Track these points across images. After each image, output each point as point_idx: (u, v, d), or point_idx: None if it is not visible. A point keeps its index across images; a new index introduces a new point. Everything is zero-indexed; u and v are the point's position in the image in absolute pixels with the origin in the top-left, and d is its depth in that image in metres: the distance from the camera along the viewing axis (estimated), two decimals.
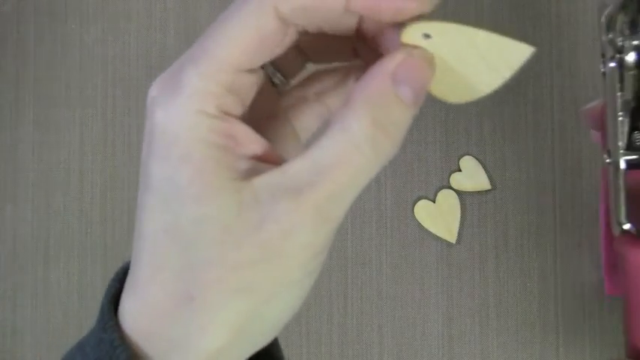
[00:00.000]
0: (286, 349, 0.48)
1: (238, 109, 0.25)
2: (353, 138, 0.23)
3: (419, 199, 0.48)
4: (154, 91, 0.24)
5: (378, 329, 0.48)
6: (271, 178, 0.23)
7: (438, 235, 0.48)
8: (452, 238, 0.48)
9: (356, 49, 0.29)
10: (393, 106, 0.24)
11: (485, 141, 0.49)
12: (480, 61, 0.27)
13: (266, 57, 0.25)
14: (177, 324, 0.24)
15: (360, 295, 0.48)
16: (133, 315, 0.24)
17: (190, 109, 0.23)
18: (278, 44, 0.25)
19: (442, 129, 0.49)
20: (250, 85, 0.25)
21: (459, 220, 0.48)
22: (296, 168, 0.23)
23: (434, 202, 0.48)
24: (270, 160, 0.24)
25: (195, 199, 0.23)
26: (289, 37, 0.25)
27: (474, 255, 0.49)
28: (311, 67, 0.30)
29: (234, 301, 0.23)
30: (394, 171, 0.49)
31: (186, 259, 0.23)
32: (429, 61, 0.26)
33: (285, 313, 0.25)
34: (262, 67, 0.26)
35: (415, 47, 0.26)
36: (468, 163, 0.49)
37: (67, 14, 0.50)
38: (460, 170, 0.49)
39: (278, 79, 0.29)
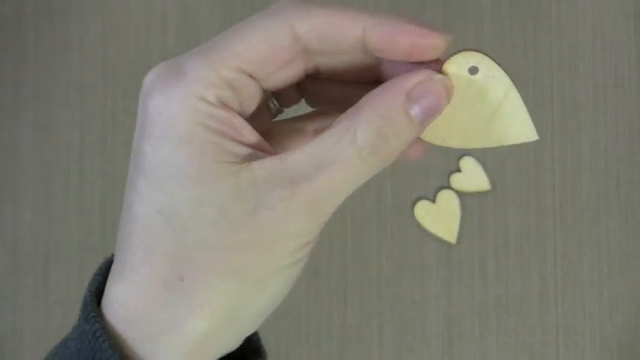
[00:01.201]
0: (287, 350, 0.48)
1: (236, 106, 0.25)
2: (355, 141, 0.24)
3: (419, 199, 0.48)
4: (150, 77, 0.25)
5: (378, 329, 0.48)
6: (270, 164, 0.24)
7: (438, 235, 0.48)
8: (452, 238, 0.48)
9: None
10: (400, 121, 0.25)
11: None
12: (490, 116, 0.28)
13: (270, 70, 0.26)
14: (166, 306, 0.24)
15: (360, 296, 0.48)
16: (120, 300, 0.24)
17: (191, 94, 0.24)
18: (285, 63, 0.26)
19: None
20: (250, 93, 0.25)
21: (458, 220, 0.48)
22: (295, 158, 0.24)
23: (434, 202, 0.48)
24: (266, 152, 0.25)
25: (192, 180, 0.23)
26: (296, 69, 0.26)
27: (474, 255, 0.49)
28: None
29: (224, 283, 0.24)
30: (394, 171, 0.49)
31: (179, 241, 0.23)
32: (447, 89, 0.26)
33: (272, 300, 0.25)
34: (262, 90, 0.27)
35: (439, 74, 0.27)
36: (467, 163, 0.49)
37: (67, 14, 0.50)
38: (460, 171, 0.49)
39: (273, 103, 0.29)
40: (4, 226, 0.48)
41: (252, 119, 0.26)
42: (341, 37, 0.26)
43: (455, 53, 0.27)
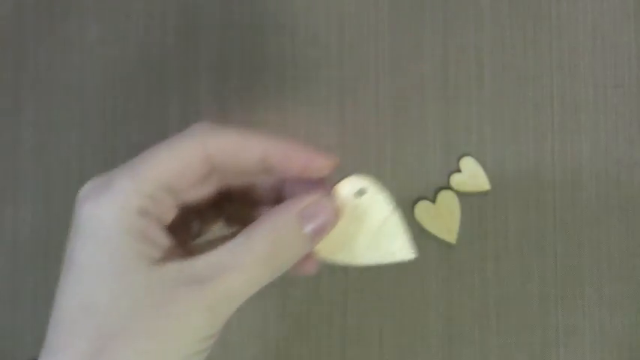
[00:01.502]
0: (287, 350, 0.48)
1: (155, 215, 0.29)
2: (254, 251, 0.28)
3: (419, 199, 0.48)
4: (85, 189, 0.30)
5: (378, 330, 0.48)
6: (179, 266, 0.28)
7: (438, 235, 0.48)
8: (452, 238, 0.48)
9: None
10: (293, 236, 0.30)
11: (486, 141, 0.49)
12: (374, 235, 0.32)
13: (185, 184, 0.30)
14: None
15: (360, 296, 0.48)
16: None
17: (116, 204, 0.28)
18: (201, 183, 0.31)
19: (442, 129, 0.49)
20: (168, 204, 0.30)
21: (458, 220, 0.48)
22: (201, 262, 0.28)
23: (434, 202, 0.48)
24: (179, 256, 0.29)
25: (113, 276, 0.27)
26: (212, 185, 0.31)
27: (474, 255, 0.49)
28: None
29: None
30: (394, 171, 0.49)
31: (99, 327, 0.27)
32: (336, 211, 0.31)
33: None
34: (183, 211, 0.31)
35: (330, 197, 0.31)
36: (467, 163, 0.49)
37: (67, 14, 0.50)
38: (460, 171, 0.49)
39: (194, 225, 0.34)
40: (4, 226, 0.48)
41: (174, 236, 0.30)
42: (244, 156, 0.30)
43: (346, 177, 0.32)
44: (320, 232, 0.30)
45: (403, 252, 0.32)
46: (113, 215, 0.28)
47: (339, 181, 0.32)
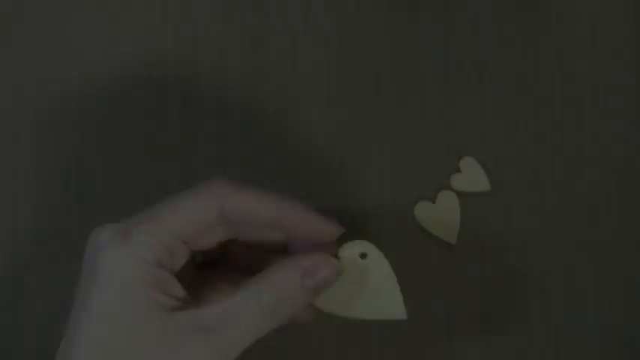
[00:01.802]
0: (287, 350, 0.48)
1: (170, 265, 0.32)
2: (260, 304, 0.32)
3: (419, 199, 0.48)
4: (101, 237, 0.32)
5: (378, 330, 0.48)
6: (191, 314, 0.31)
7: (438, 235, 0.48)
8: (452, 239, 0.48)
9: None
10: (297, 292, 0.33)
11: (486, 141, 0.49)
12: (371, 294, 0.36)
13: (200, 237, 0.33)
14: None
15: None
16: None
17: (135, 256, 0.31)
18: (213, 233, 0.34)
19: (442, 129, 0.49)
20: (182, 255, 0.33)
21: (458, 221, 0.48)
22: (212, 311, 0.31)
23: (434, 202, 0.48)
24: (190, 303, 0.32)
25: (131, 322, 0.30)
26: (222, 234, 0.34)
27: (474, 256, 0.49)
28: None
29: None
30: (394, 172, 0.49)
31: None
32: (337, 271, 0.34)
33: None
34: (191, 255, 0.34)
35: (332, 256, 0.34)
36: (468, 163, 0.49)
37: (67, 14, 0.50)
38: (460, 171, 0.49)
39: (197, 256, 0.37)
40: (3, 227, 0.48)
41: (180, 270, 0.33)
42: (257, 215, 0.34)
43: (349, 240, 0.35)
44: (321, 289, 0.34)
45: (397, 312, 0.36)
46: (132, 266, 0.31)
47: (344, 242, 0.35)
